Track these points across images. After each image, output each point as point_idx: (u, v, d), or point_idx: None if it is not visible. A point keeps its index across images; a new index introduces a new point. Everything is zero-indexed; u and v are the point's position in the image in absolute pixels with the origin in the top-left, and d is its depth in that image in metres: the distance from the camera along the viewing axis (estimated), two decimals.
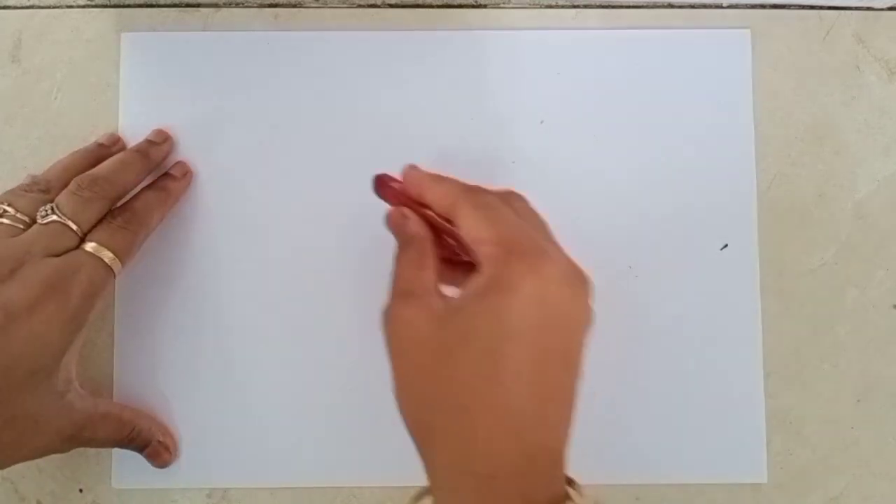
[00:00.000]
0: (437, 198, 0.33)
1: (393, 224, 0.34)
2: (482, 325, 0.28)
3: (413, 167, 0.34)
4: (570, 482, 0.29)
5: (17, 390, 0.31)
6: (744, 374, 0.38)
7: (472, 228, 0.31)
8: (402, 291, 0.31)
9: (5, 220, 0.32)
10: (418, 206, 0.33)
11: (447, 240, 0.33)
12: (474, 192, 0.32)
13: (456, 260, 0.34)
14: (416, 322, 0.30)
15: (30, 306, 0.31)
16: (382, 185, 0.35)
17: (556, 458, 0.28)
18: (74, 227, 0.33)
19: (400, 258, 0.32)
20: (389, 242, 0.40)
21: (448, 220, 0.32)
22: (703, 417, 0.38)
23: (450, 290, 0.31)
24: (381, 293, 0.39)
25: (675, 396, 0.38)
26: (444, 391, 0.29)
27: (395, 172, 0.34)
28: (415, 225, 0.33)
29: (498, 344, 0.28)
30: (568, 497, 0.28)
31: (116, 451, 0.38)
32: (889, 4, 0.40)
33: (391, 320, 0.31)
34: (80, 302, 0.32)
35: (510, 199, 0.32)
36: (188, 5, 0.40)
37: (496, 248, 0.29)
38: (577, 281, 0.29)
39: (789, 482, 0.38)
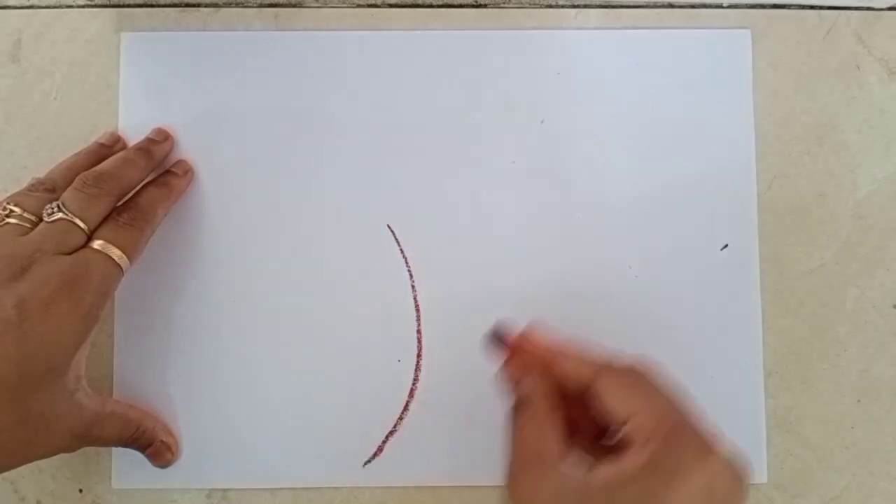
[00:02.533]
0: (568, 373, 0.31)
1: (506, 378, 0.32)
2: None
3: (532, 332, 0.33)
4: None
5: (30, 389, 0.31)
6: (744, 374, 0.39)
7: (623, 403, 0.29)
8: (529, 458, 0.29)
9: (12, 220, 0.33)
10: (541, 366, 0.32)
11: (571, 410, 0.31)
12: (616, 365, 0.30)
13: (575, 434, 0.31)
14: (556, 496, 0.28)
15: (44, 305, 0.31)
16: (498, 339, 0.33)
17: None
18: (82, 224, 0.33)
19: (517, 417, 0.31)
20: (390, 242, 0.40)
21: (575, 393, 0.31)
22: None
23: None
24: (381, 292, 0.39)
25: None
26: None
27: (513, 325, 0.33)
28: (534, 383, 0.31)
29: None
30: None
31: (116, 451, 0.38)
32: (889, 4, 0.40)
33: (523, 490, 0.29)
34: (93, 300, 0.32)
35: (649, 372, 0.31)
36: (188, 5, 0.40)
37: (658, 424, 0.28)
38: (742, 471, 0.28)
39: (789, 482, 0.38)
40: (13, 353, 0.30)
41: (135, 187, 0.37)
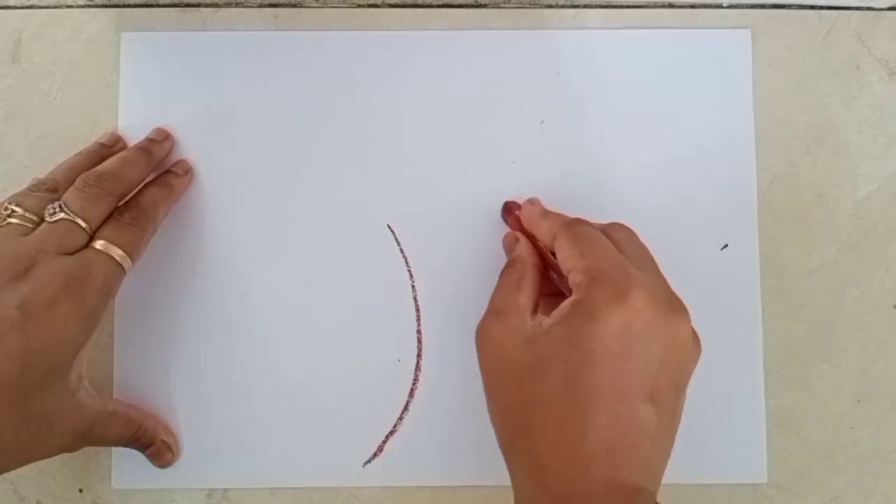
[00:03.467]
0: (542, 231, 0.35)
1: (505, 244, 0.37)
2: (563, 349, 0.29)
3: (530, 202, 0.38)
4: None
5: (34, 389, 0.31)
6: (744, 374, 0.39)
7: (566, 258, 0.32)
8: (495, 309, 0.33)
9: (14, 220, 0.33)
10: (533, 237, 0.36)
11: (553, 276, 0.35)
12: (573, 224, 0.34)
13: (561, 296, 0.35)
14: (504, 341, 0.31)
15: (47, 305, 0.31)
16: (508, 210, 0.39)
17: (634, 493, 0.28)
18: (83, 224, 0.33)
19: (501, 277, 0.35)
20: (390, 242, 0.40)
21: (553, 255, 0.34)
22: (703, 417, 0.38)
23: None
24: (381, 292, 0.40)
25: None
26: (524, 410, 0.30)
27: (521, 200, 0.38)
28: (522, 248, 0.35)
29: (576, 370, 0.29)
30: None
31: (116, 451, 0.38)
32: (889, 4, 0.40)
33: (482, 336, 0.33)
34: (96, 300, 0.33)
35: (612, 231, 0.34)
36: (188, 5, 0.40)
37: (584, 276, 0.31)
38: (669, 311, 0.30)
39: (789, 482, 0.38)
40: (16, 353, 0.30)
41: (136, 187, 0.37)
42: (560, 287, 0.34)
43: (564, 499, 0.28)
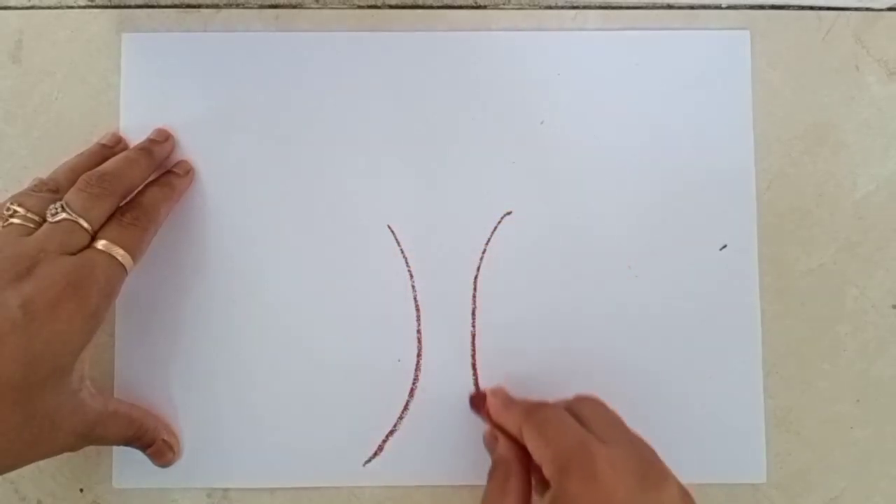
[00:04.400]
0: (509, 425, 0.35)
1: (486, 444, 0.37)
2: None
3: (493, 393, 0.37)
4: None
5: (37, 389, 0.31)
6: (744, 374, 0.39)
7: (534, 450, 0.32)
8: None
9: (16, 220, 0.33)
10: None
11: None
12: (534, 412, 0.34)
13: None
14: None
15: (50, 305, 0.31)
16: (476, 405, 0.38)
17: None
18: (85, 224, 0.33)
19: (489, 481, 0.34)
20: (390, 242, 0.40)
21: None
22: (703, 417, 0.38)
23: None
24: (381, 292, 0.40)
25: (674, 397, 0.39)
26: None
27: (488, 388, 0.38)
28: (502, 448, 0.35)
29: None
30: None
31: (117, 450, 0.38)
32: (889, 4, 0.40)
33: None
34: (98, 300, 0.33)
35: (576, 406, 0.34)
36: (188, 6, 0.40)
37: (552, 466, 0.31)
38: (646, 481, 0.30)
39: (789, 482, 0.38)
40: (20, 353, 0.30)
41: (137, 187, 0.37)
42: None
43: None
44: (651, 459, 0.31)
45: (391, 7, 0.41)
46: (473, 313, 0.39)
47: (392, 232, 0.40)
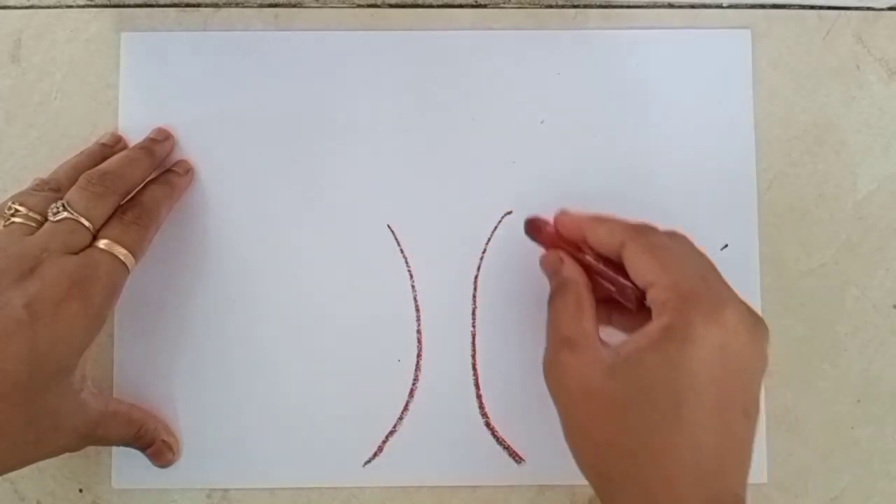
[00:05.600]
0: (601, 239, 0.33)
1: (548, 267, 0.35)
2: (661, 377, 0.29)
3: (565, 212, 0.35)
4: None
5: (41, 389, 0.31)
6: None
7: (644, 271, 0.31)
8: (564, 340, 0.31)
9: (18, 220, 0.33)
10: (573, 249, 0.34)
11: (603, 284, 0.33)
12: (643, 232, 0.32)
13: (610, 301, 0.34)
14: (585, 372, 0.30)
15: (55, 305, 0.31)
16: (535, 229, 0.36)
17: (738, 500, 0.29)
18: (87, 223, 0.34)
19: (556, 304, 0.33)
20: (390, 242, 0.40)
21: (608, 262, 0.33)
22: None
23: (604, 333, 0.32)
24: (381, 292, 0.40)
25: None
26: (622, 439, 0.29)
27: (547, 215, 0.36)
28: (570, 270, 0.33)
29: (680, 395, 0.28)
30: None
31: (116, 450, 0.38)
32: (889, 4, 0.40)
33: (556, 369, 0.31)
34: (102, 299, 0.33)
35: (677, 241, 0.33)
36: (188, 5, 0.40)
37: (671, 293, 0.29)
38: (756, 327, 0.30)
39: (789, 482, 0.39)
40: (24, 353, 0.31)
41: (138, 186, 0.37)
42: (612, 296, 0.33)
43: None
44: (757, 315, 0.31)
45: (391, 6, 0.41)
46: (473, 313, 0.39)
47: (392, 232, 0.40)
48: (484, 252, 0.40)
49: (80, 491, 0.39)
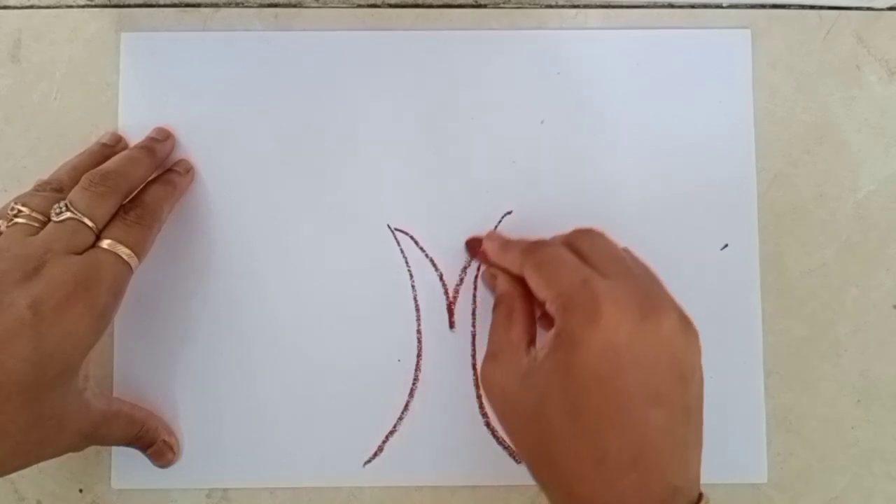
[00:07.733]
0: (509, 265, 0.35)
1: (487, 283, 0.38)
2: (556, 383, 0.30)
3: (488, 237, 0.38)
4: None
5: (46, 389, 0.32)
6: (744, 374, 0.39)
7: (536, 290, 0.33)
8: (491, 352, 0.33)
9: (21, 220, 0.34)
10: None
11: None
12: (532, 252, 0.34)
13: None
14: (505, 382, 0.32)
15: (59, 305, 0.31)
16: (472, 250, 0.39)
17: (670, 493, 0.29)
18: (90, 223, 0.34)
19: (493, 317, 0.35)
20: (390, 242, 0.40)
21: None
22: (703, 417, 0.38)
23: None
24: (381, 292, 0.40)
25: None
26: (541, 446, 0.31)
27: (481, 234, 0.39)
28: (504, 283, 0.35)
29: (573, 398, 0.29)
30: None
31: (116, 450, 0.38)
32: (889, 4, 0.40)
33: (484, 382, 0.33)
34: (106, 299, 0.33)
35: (575, 240, 0.34)
36: (188, 5, 0.40)
37: (555, 305, 0.31)
38: (646, 314, 0.30)
39: (789, 482, 0.39)
40: (29, 353, 0.31)
41: (140, 185, 0.38)
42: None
43: None
44: (651, 289, 0.32)
45: (391, 6, 0.41)
46: (473, 313, 0.39)
47: (392, 232, 0.40)
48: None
49: (80, 491, 0.39)
